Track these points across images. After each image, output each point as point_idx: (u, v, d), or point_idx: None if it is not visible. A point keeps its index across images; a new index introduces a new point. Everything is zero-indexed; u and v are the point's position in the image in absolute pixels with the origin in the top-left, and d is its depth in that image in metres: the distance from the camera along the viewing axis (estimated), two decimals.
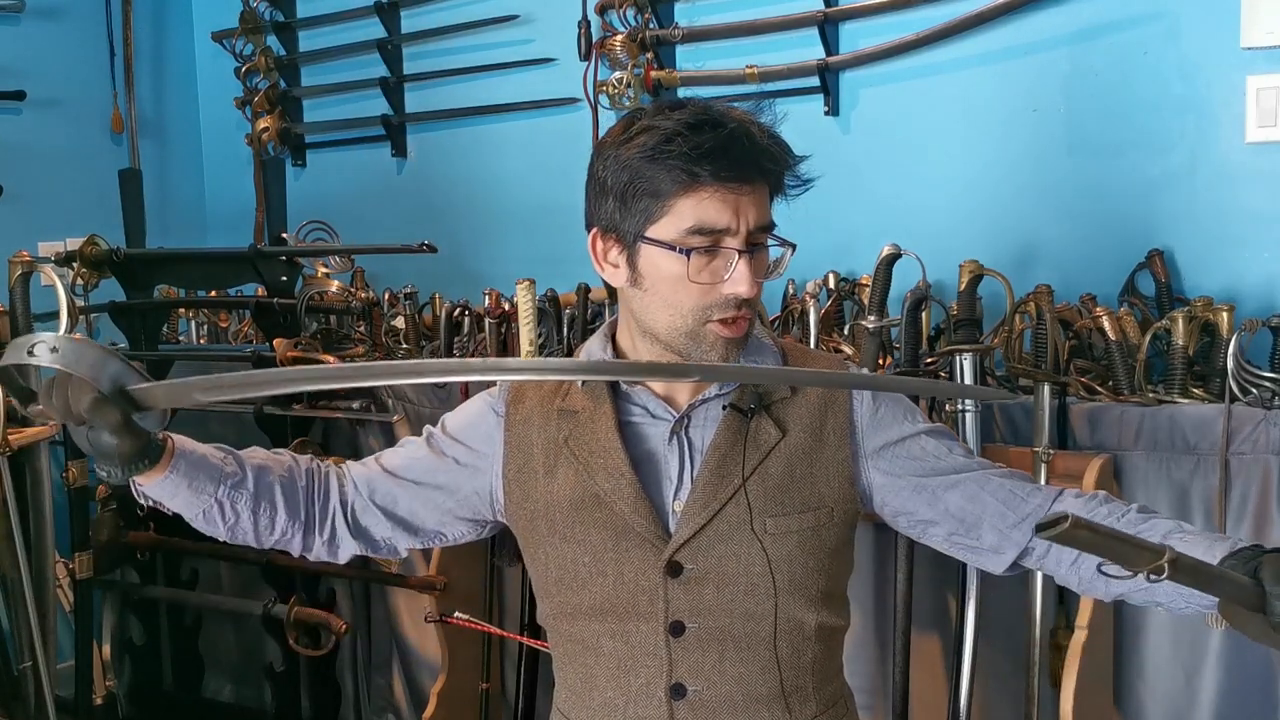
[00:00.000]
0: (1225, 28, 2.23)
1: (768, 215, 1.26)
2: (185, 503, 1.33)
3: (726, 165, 1.21)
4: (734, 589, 1.29)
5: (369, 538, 1.43)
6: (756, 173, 1.24)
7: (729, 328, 1.26)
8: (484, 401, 1.43)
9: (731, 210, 1.22)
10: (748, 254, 1.23)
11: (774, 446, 1.31)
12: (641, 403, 1.35)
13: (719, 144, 1.21)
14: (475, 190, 3.39)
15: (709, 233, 1.23)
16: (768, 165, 1.25)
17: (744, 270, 1.23)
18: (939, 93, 2.62)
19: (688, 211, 1.22)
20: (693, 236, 1.23)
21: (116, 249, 2.97)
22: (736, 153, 1.21)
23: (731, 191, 1.22)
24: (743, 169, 1.22)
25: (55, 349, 1.13)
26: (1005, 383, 2.21)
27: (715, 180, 1.21)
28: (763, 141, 1.24)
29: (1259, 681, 1.95)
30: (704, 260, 1.23)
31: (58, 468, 2.73)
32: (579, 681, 1.37)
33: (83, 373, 1.13)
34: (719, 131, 1.22)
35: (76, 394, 1.15)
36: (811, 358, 1.40)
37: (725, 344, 1.26)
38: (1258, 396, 1.93)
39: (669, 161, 1.21)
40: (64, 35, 3.68)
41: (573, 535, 1.33)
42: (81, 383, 1.14)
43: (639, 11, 2.93)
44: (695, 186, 1.22)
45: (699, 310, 1.25)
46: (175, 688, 3.22)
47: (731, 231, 1.23)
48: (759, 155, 1.23)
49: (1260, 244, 2.23)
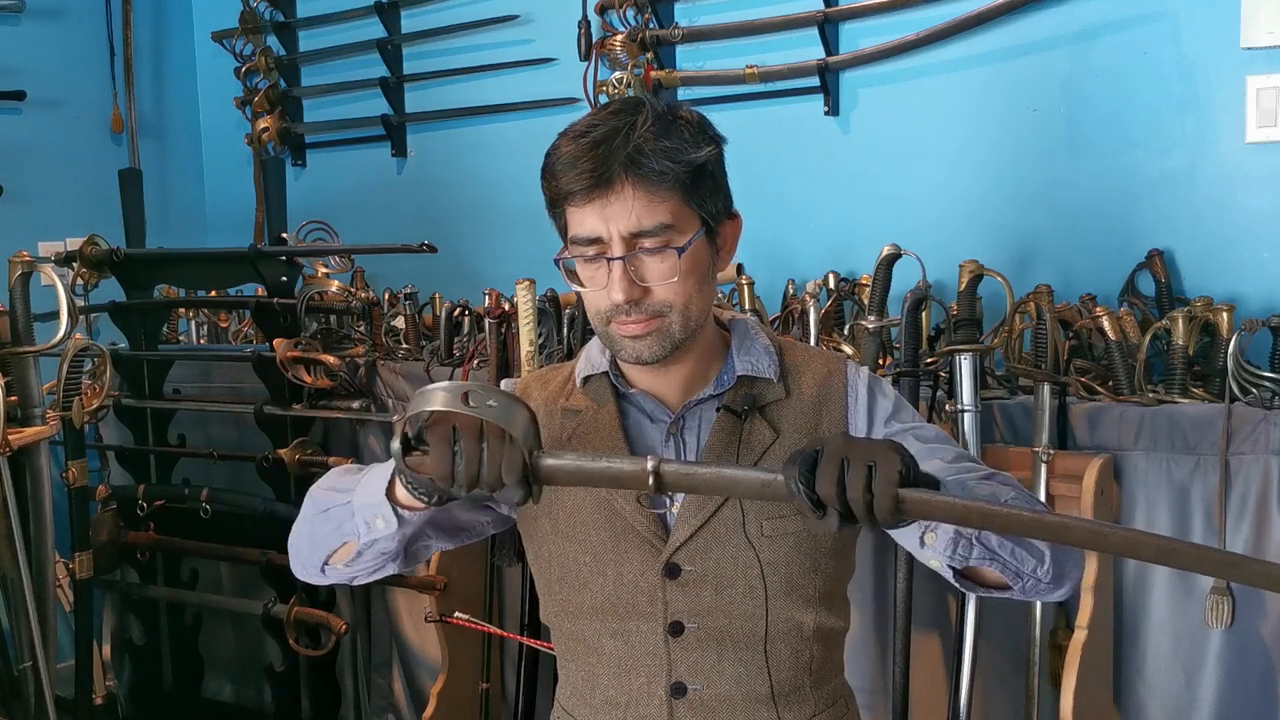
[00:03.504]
0: (1225, 28, 2.23)
1: (650, 218, 1.22)
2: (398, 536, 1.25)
3: (586, 174, 1.21)
4: (732, 591, 1.30)
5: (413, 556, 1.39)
6: (621, 174, 1.21)
7: (627, 327, 1.26)
8: None
9: (596, 217, 1.22)
10: (622, 261, 1.22)
11: (768, 448, 1.30)
12: (638, 403, 1.35)
13: (578, 153, 1.22)
14: (475, 190, 3.39)
15: (582, 241, 1.24)
16: (639, 165, 1.21)
17: (616, 276, 1.23)
18: (939, 93, 2.62)
19: (569, 222, 1.26)
20: (572, 245, 1.26)
21: (116, 249, 2.97)
22: (594, 160, 1.21)
23: (593, 200, 1.22)
24: (603, 174, 1.21)
25: (494, 404, 1.03)
26: (1005, 383, 2.21)
27: (578, 191, 1.22)
28: (636, 140, 1.21)
29: (1259, 681, 1.95)
30: (591, 268, 1.26)
31: (58, 468, 2.72)
32: (581, 679, 1.38)
33: (517, 434, 1.03)
34: (583, 140, 1.23)
35: (494, 454, 1.05)
36: (809, 354, 1.40)
37: (631, 343, 1.26)
38: (1258, 396, 1.93)
39: (551, 178, 1.25)
40: (64, 35, 3.68)
41: (574, 534, 1.34)
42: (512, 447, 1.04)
43: (639, 11, 2.93)
44: (568, 199, 1.24)
45: (599, 314, 1.28)
46: (175, 688, 3.22)
47: (604, 239, 1.23)
48: (627, 157, 1.21)
49: (1260, 244, 2.23)
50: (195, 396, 3.13)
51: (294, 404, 2.83)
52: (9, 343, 2.51)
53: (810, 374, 1.35)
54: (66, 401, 2.62)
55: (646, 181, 1.22)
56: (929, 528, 1.14)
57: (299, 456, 2.81)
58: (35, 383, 2.55)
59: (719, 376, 1.34)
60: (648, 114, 1.24)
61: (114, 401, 3.04)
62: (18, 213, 3.45)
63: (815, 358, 1.39)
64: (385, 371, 2.87)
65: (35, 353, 2.53)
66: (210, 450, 3.01)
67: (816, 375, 1.35)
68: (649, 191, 1.22)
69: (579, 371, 1.39)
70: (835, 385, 1.35)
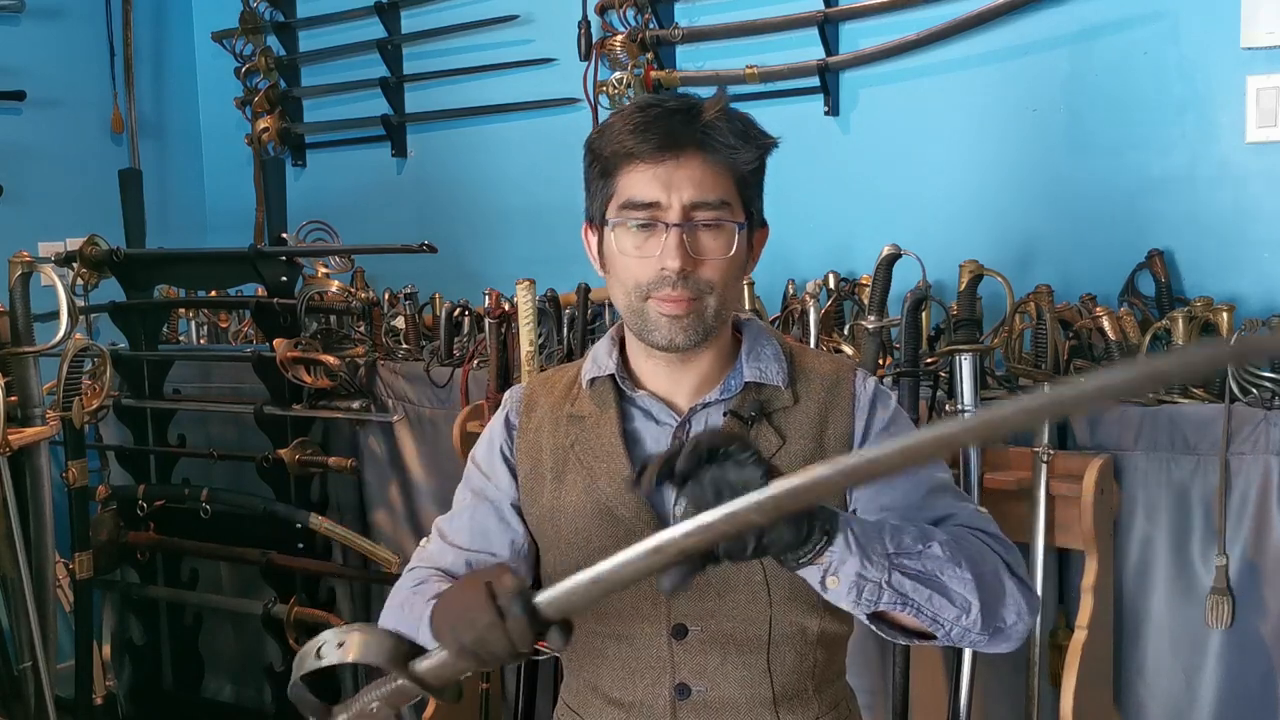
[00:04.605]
0: (1225, 28, 2.22)
1: (712, 192, 1.25)
2: None
3: (655, 138, 1.23)
4: (735, 596, 1.30)
5: None
6: (691, 145, 1.24)
7: (668, 304, 1.25)
8: (501, 419, 1.44)
9: (661, 184, 1.23)
10: (679, 228, 1.23)
11: (773, 454, 1.30)
12: (643, 406, 1.35)
13: (652, 119, 1.24)
14: (475, 190, 3.39)
15: (639, 206, 1.24)
16: (708, 139, 1.24)
17: (672, 242, 1.23)
18: (939, 93, 2.62)
19: (623, 188, 1.26)
20: (624, 210, 1.25)
21: (116, 249, 2.97)
22: (668, 127, 1.23)
23: (661, 164, 1.23)
24: (672, 141, 1.23)
25: (341, 644, 1.02)
26: (1005, 383, 2.21)
27: (644, 154, 1.23)
28: (708, 116, 1.24)
29: (1259, 681, 1.95)
30: (642, 236, 1.25)
31: (58, 468, 2.72)
32: (586, 680, 1.38)
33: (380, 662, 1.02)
34: (653, 109, 1.25)
35: (495, 635, 1.00)
36: (818, 360, 1.40)
37: (668, 323, 1.26)
38: (1258, 396, 1.93)
39: (611, 142, 1.26)
40: (64, 35, 3.68)
41: (576, 541, 1.34)
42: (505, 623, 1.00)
43: (639, 11, 2.93)
44: (628, 161, 1.25)
45: (640, 286, 1.26)
46: (175, 688, 3.22)
47: (662, 206, 1.24)
48: (698, 129, 1.24)
49: (1260, 244, 2.23)
50: (195, 396, 3.14)
51: (294, 404, 2.83)
52: (9, 343, 2.51)
53: (818, 381, 1.35)
54: (66, 401, 2.62)
55: (714, 154, 1.25)
56: (828, 570, 1.08)
57: (299, 456, 2.81)
58: (35, 383, 2.55)
59: (726, 380, 1.33)
60: (720, 98, 1.26)
61: (114, 401, 3.05)
62: (18, 213, 3.45)
63: (824, 364, 1.38)
64: (385, 371, 2.87)
65: (35, 353, 2.53)
66: (210, 450, 3.01)
67: (825, 382, 1.35)
68: (714, 165, 1.25)
69: (585, 374, 1.38)
70: (842, 394, 1.34)
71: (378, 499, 2.96)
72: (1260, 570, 1.92)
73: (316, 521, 2.76)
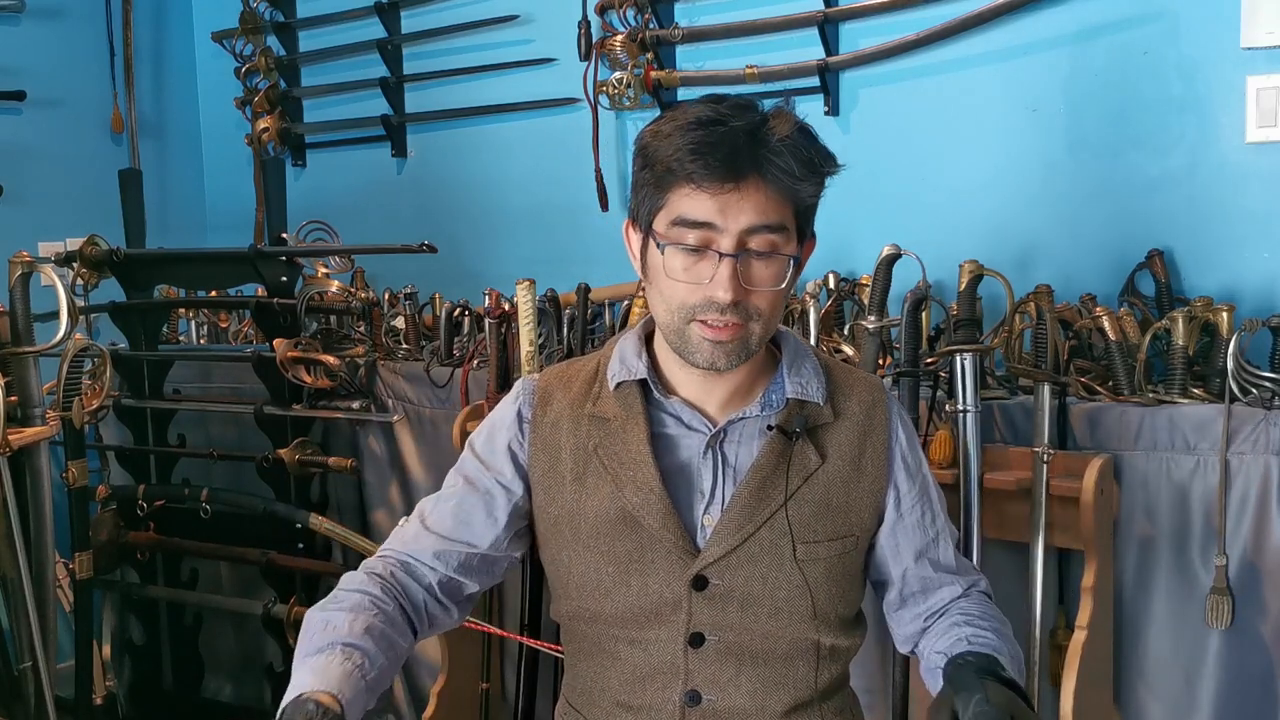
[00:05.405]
0: (1225, 28, 2.22)
1: (770, 218, 1.21)
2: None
3: (716, 162, 1.18)
4: (758, 609, 1.29)
5: (458, 599, 1.39)
6: (753, 173, 1.19)
7: (712, 330, 1.23)
8: (510, 406, 1.40)
9: (717, 209, 1.19)
10: (734, 259, 1.20)
11: (814, 472, 1.30)
12: (675, 412, 1.33)
13: (713, 141, 1.19)
14: (475, 190, 3.39)
15: (690, 226, 1.20)
16: (772, 166, 1.20)
17: (725, 273, 1.20)
18: (939, 93, 2.62)
19: (676, 205, 1.21)
20: (674, 229, 1.22)
21: (116, 249, 2.97)
22: (728, 150, 1.18)
23: (718, 189, 1.19)
24: (733, 167, 1.18)
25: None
26: (1005, 383, 2.21)
27: (703, 180, 1.19)
28: (772, 142, 1.20)
29: (1259, 681, 1.95)
30: (691, 259, 1.22)
31: (58, 468, 2.72)
32: (591, 679, 1.37)
33: None
34: (716, 129, 1.19)
35: None
36: (852, 377, 1.38)
37: (711, 347, 1.23)
38: (1258, 396, 1.93)
39: (670, 157, 1.20)
40: (64, 35, 3.68)
41: (597, 545, 1.32)
42: None
43: (639, 11, 2.93)
44: (683, 181, 1.20)
45: (684, 308, 1.23)
46: (175, 688, 3.22)
47: (717, 229, 1.20)
48: (762, 156, 1.20)
49: (1260, 244, 2.23)
50: (195, 396, 3.14)
51: (294, 404, 2.83)
52: (9, 343, 2.51)
53: (855, 399, 1.35)
54: (66, 401, 2.61)
55: (777, 184, 1.21)
56: (932, 648, 1.34)
57: (299, 456, 2.81)
58: (35, 383, 2.55)
59: (766, 395, 1.32)
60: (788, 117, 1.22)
61: (114, 401, 3.05)
62: (18, 213, 3.45)
63: (858, 382, 1.38)
64: (385, 371, 2.87)
65: (35, 353, 2.53)
66: (210, 450, 3.01)
67: (861, 401, 1.35)
68: (776, 194, 1.21)
69: (611, 375, 1.35)
70: (879, 417, 1.35)
71: (378, 499, 2.96)
72: (1260, 570, 1.92)
73: (316, 521, 2.76)
